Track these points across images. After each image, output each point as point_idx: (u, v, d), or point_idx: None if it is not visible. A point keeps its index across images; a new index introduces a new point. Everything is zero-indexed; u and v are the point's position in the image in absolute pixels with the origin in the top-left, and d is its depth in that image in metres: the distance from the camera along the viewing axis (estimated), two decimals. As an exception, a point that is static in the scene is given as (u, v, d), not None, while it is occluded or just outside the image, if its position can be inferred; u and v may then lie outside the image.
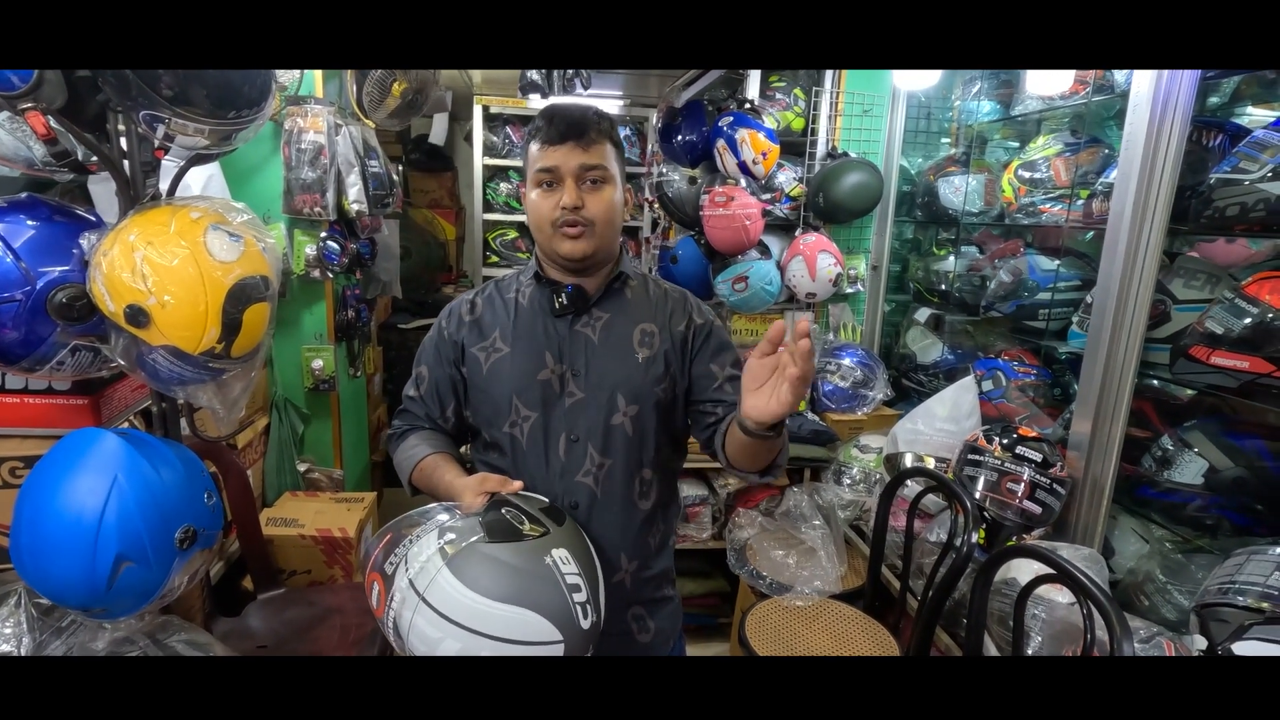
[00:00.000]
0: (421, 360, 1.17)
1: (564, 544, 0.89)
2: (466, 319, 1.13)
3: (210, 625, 1.59)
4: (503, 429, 1.08)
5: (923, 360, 2.54)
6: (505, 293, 1.14)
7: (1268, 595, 0.98)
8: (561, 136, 1.01)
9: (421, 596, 0.82)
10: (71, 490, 0.99)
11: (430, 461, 1.07)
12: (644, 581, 1.12)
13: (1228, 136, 1.50)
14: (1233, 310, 1.33)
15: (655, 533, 1.13)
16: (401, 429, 1.17)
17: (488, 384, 1.09)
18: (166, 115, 1.01)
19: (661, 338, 1.10)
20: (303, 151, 2.02)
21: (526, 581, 0.83)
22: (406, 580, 0.83)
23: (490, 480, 0.96)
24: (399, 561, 0.86)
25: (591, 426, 1.06)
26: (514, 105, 3.47)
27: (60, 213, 1.07)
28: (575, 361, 1.07)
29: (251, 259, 1.08)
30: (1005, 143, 2.45)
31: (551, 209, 1.03)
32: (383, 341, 3.24)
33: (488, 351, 1.10)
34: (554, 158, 1.02)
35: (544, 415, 1.06)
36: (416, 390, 1.16)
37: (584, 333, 1.08)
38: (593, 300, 1.10)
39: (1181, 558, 1.49)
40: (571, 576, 0.86)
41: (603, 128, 1.05)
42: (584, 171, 1.02)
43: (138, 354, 1.05)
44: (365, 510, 2.05)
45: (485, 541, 0.85)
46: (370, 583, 0.90)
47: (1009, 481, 1.62)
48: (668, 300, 1.14)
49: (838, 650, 1.72)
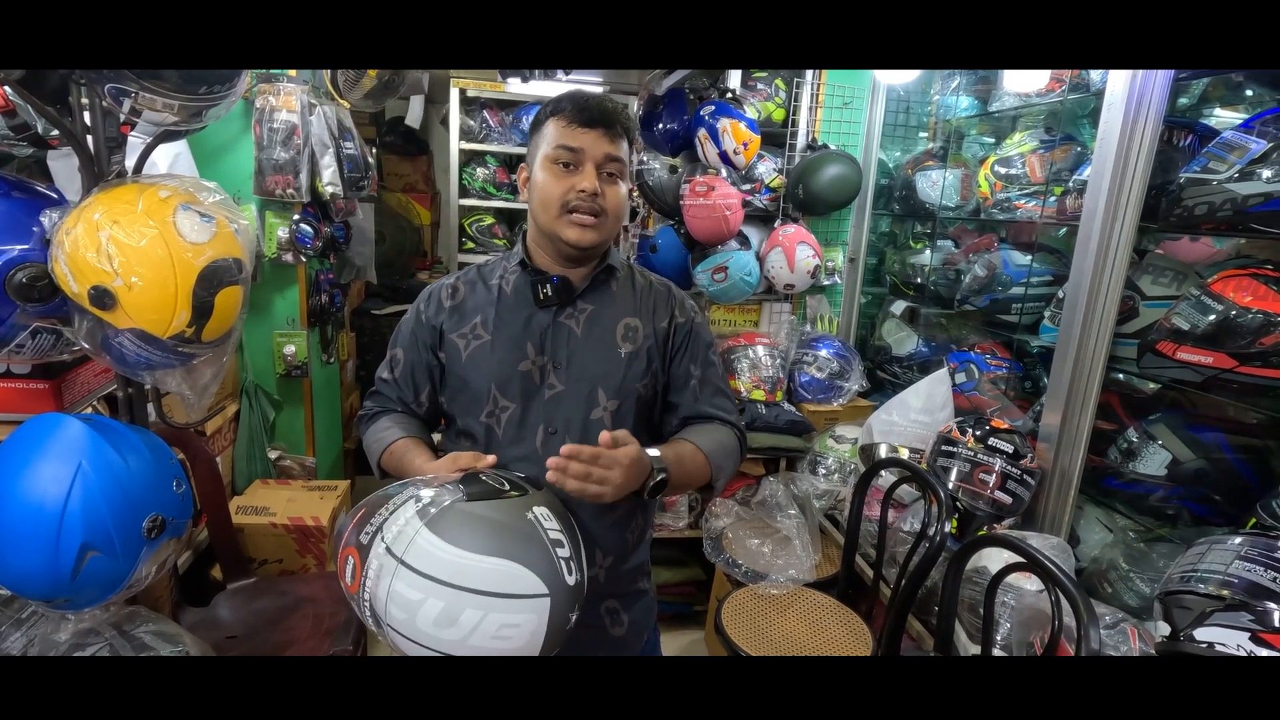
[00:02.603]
0: (397, 342, 1.14)
1: (544, 503, 0.88)
2: (447, 304, 1.10)
3: (178, 615, 1.56)
4: (479, 418, 1.06)
5: (898, 352, 2.58)
6: (489, 278, 1.11)
7: (1227, 583, 1.01)
8: (592, 121, 0.99)
9: (400, 559, 0.78)
10: (33, 478, 0.95)
11: (401, 445, 1.06)
12: (619, 576, 1.11)
13: (1197, 137, 1.54)
14: (1199, 307, 1.37)
15: (633, 528, 1.12)
16: (373, 410, 1.15)
17: (466, 371, 1.06)
18: (133, 89, 0.96)
19: (645, 332, 1.09)
20: (275, 131, 1.96)
21: (509, 535, 0.81)
22: (384, 547, 0.80)
23: (463, 457, 0.95)
24: (375, 531, 0.82)
25: (570, 420, 1.04)
26: (492, 89, 3.41)
27: (19, 188, 1.03)
28: (557, 353, 1.05)
29: (224, 240, 1.05)
30: (982, 138, 2.49)
31: (566, 191, 1.00)
32: (356, 327, 3.19)
33: (468, 339, 1.07)
34: (582, 140, 0.99)
35: (523, 406, 1.04)
36: (390, 373, 1.14)
37: (567, 324, 1.07)
38: (578, 292, 1.08)
39: (1143, 546, 1.54)
40: (554, 532, 0.84)
41: (628, 125, 1.04)
42: (607, 161, 1.01)
43: (103, 337, 1.01)
44: (339, 498, 2.02)
45: (465, 500, 0.83)
46: (344, 559, 0.85)
47: (981, 472, 1.65)
48: (651, 293, 1.13)
49: (812, 637, 1.74)
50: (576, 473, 0.86)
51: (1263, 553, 1.02)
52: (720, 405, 1.14)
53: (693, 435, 1.09)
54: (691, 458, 1.05)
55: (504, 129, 3.49)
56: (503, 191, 3.55)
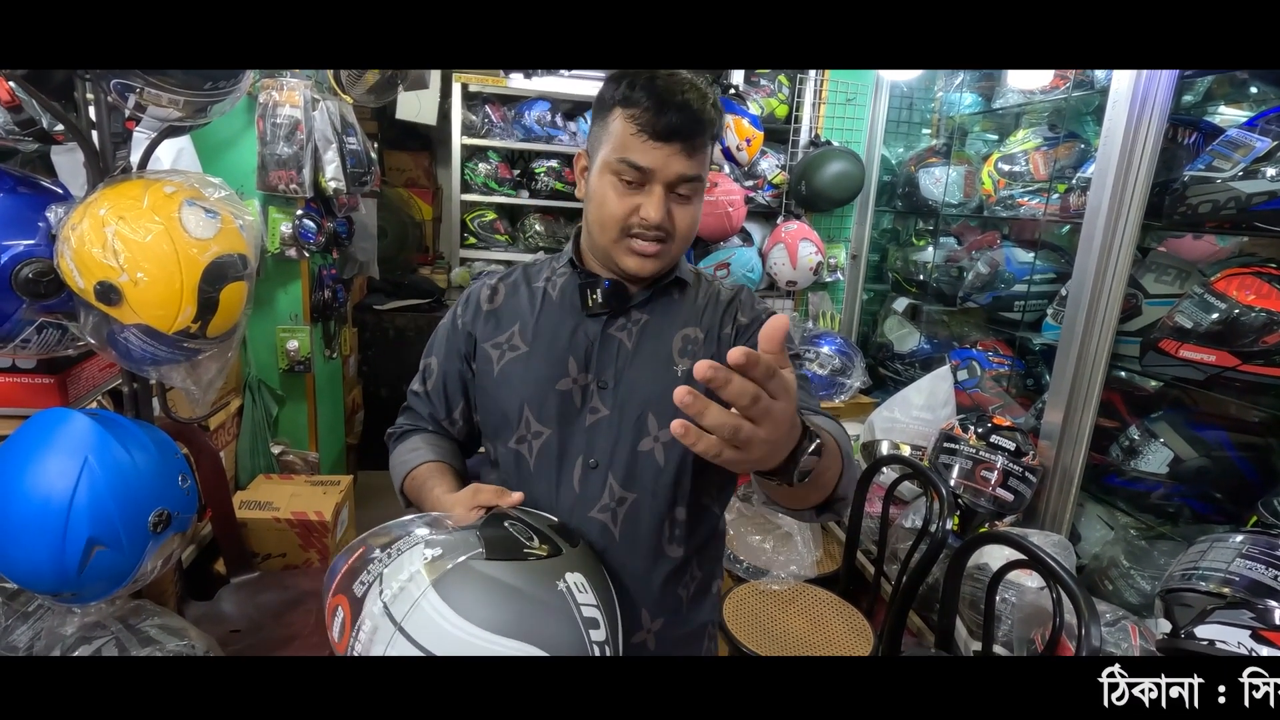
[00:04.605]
0: (431, 350, 0.99)
1: (579, 568, 0.72)
2: (485, 307, 0.95)
3: (182, 609, 1.57)
4: (508, 444, 0.90)
5: (900, 349, 2.58)
6: (533, 280, 0.96)
7: (1228, 581, 1.02)
8: (670, 133, 0.80)
9: (399, 626, 0.64)
10: (40, 472, 0.96)
11: (424, 471, 0.90)
12: (674, 641, 0.91)
13: (1201, 135, 1.54)
14: (1202, 305, 1.37)
15: (688, 582, 0.92)
16: (402, 429, 1.02)
17: (497, 389, 0.91)
18: (138, 84, 0.97)
19: (706, 345, 0.90)
20: (278, 126, 1.96)
21: (533, 610, 0.66)
22: (380, 605, 0.66)
23: (485, 492, 0.79)
24: (371, 581, 0.68)
25: (614, 451, 0.87)
26: (494, 84, 3.40)
27: (25, 184, 1.03)
28: (603, 371, 0.89)
29: (229, 236, 1.05)
30: (985, 135, 2.48)
31: (627, 213, 0.84)
32: (358, 323, 3.19)
33: (502, 349, 0.92)
34: (652, 157, 0.81)
35: (559, 433, 0.88)
36: (423, 385, 1.00)
37: (618, 337, 0.90)
38: (634, 301, 0.91)
39: (1144, 544, 1.55)
40: (588, 609, 0.69)
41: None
42: (680, 182, 0.84)
43: (108, 332, 1.02)
44: (341, 493, 2.02)
45: (483, 559, 0.68)
46: (333, 608, 0.71)
47: (983, 469, 1.65)
48: (719, 300, 0.95)
49: (813, 633, 1.75)
50: (727, 411, 0.49)
51: (1264, 551, 1.02)
52: (809, 405, 0.86)
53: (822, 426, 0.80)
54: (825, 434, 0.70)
55: (506, 124, 3.48)
56: (504, 187, 3.55)
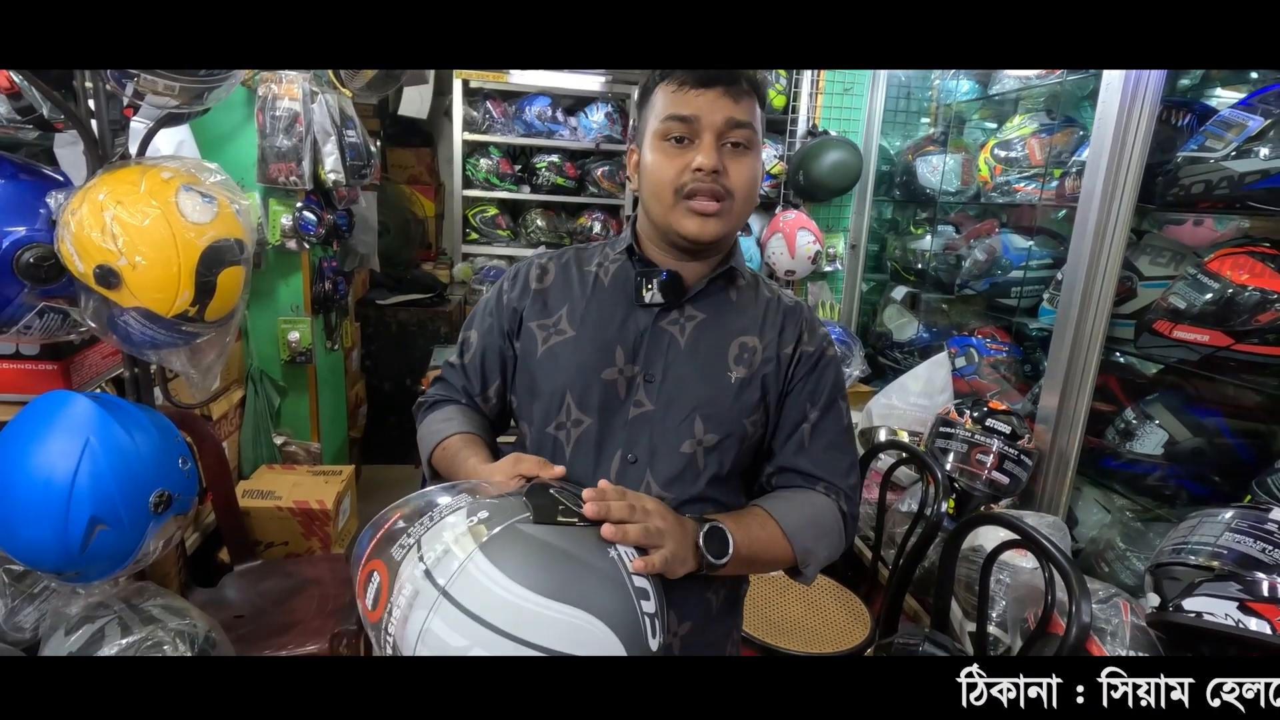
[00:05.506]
0: (471, 324, 0.97)
1: None
2: (534, 286, 0.92)
3: (187, 596, 1.59)
4: (546, 429, 0.87)
5: (898, 338, 2.58)
6: (585, 264, 0.94)
7: (1217, 554, 1.02)
8: (709, 80, 0.79)
9: (443, 590, 0.60)
10: (43, 453, 0.98)
11: (456, 441, 0.88)
12: (699, 647, 0.89)
13: (1196, 116, 1.54)
14: (1195, 285, 1.37)
15: (718, 588, 0.89)
16: (433, 398, 0.99)
17: (539, 370, 0.88)
18: (135, 71, 0.98)
19: (764, 357, 0.88)
20: (277, 119, 1.98)
21: (585, 575, 0.63)
22: (421, 569, 0.61)
23: (527, 461, 0.77)
24: (411, 545, 0.64)
25: (655, 449, 0.84)
26: (495, 80, 3.42)
27: (26, 170, 1.05)
28: (651, 365, 0.86)
29: (225, 221, 1.07)
30: (982, 123, 2.48)
31: (679, 172, 0.81)
32: (360, 317, 3.21)
33: (548, 331, 0.89)
34: (694, 104, 0.79)
35: (600, 424, 0.85)
36: (459, 358, 0.97)
37: (669, 331, 0.87)
38: (690, 294, 0.88)
39: (1140, 526, 1.55)
40: (639, 579, 0.66)
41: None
42: (730, 128, 0.80)
43: (109, 316, 1.04)
44: (343, 483, 2.04)
45: (530, 522, 0.65)
46: (367, 573, 0.66)
47: (978, 453, 1.66)
48: (779, 310, 0.92)
49: (811, 618, 1.76)
50: (619, 512, 0.68)
51: (1252, 525, 1.03)
52: (830, 465, 0.89)
53: (770, 502, 0.87)
54: (761, 526, 0.82)
55: (507, 120, 3.49)
56: (506, 182, 3.56)
